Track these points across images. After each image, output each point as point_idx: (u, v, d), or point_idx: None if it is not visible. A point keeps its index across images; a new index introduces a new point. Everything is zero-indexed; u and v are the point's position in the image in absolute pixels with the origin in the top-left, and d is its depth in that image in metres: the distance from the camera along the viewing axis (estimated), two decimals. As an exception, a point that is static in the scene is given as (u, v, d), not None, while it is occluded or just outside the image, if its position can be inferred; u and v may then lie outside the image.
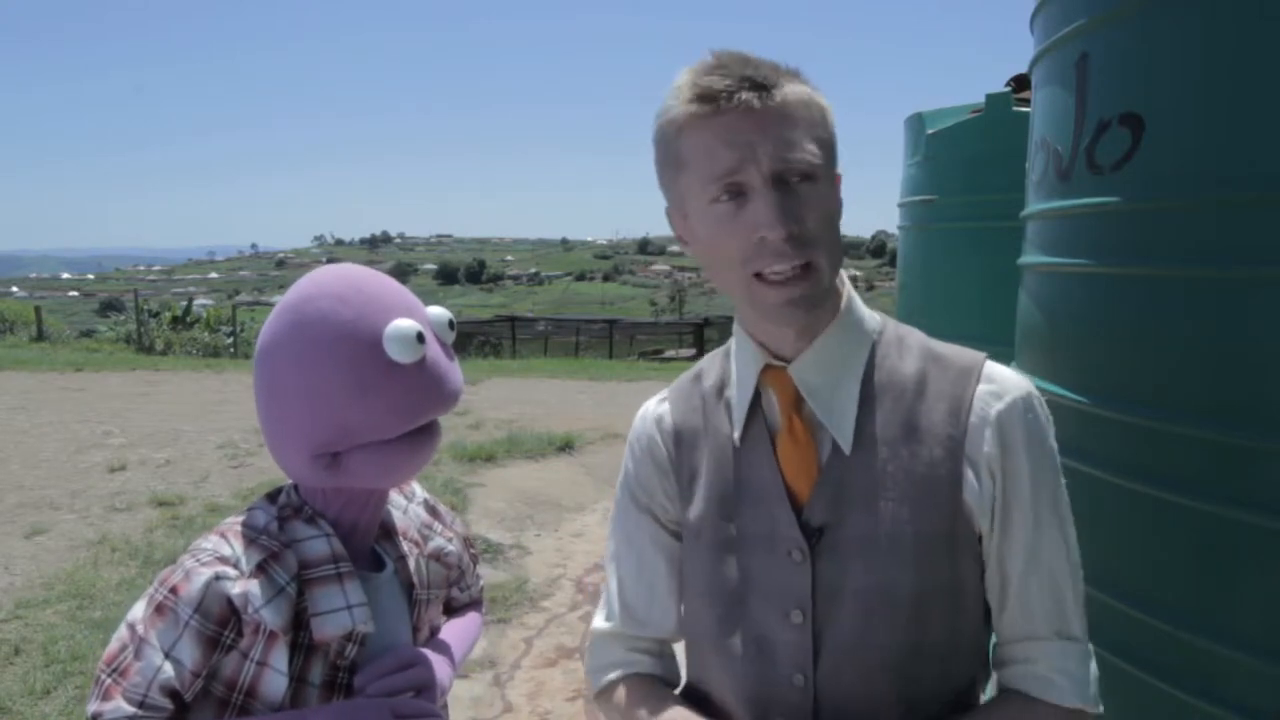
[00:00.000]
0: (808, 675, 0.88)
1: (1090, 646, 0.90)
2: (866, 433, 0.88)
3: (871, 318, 0.93)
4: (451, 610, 1.23)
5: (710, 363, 1.02)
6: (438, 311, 1.01)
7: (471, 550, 1.24)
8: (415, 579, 1.08)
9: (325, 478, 0.96)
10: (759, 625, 0.90)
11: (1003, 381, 0.89)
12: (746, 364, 0.93)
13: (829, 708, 0.88)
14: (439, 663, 1.07)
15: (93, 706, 0.88)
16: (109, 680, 0.88)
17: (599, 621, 1.05)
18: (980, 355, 0.91)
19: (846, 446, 0.87)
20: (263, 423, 0.99)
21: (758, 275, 0.82)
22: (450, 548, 1.14)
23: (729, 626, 0.92)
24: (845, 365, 0.89)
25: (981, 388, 0.88)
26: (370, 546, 1.06)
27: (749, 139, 0.80)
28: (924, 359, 0.91)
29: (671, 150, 0.86)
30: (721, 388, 0.97)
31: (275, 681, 0.92)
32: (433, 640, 1.12)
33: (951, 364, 0.90)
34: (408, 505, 1.14)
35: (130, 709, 0.87)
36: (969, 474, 0.86)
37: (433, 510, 1.18)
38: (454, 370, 1.00)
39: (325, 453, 0.94)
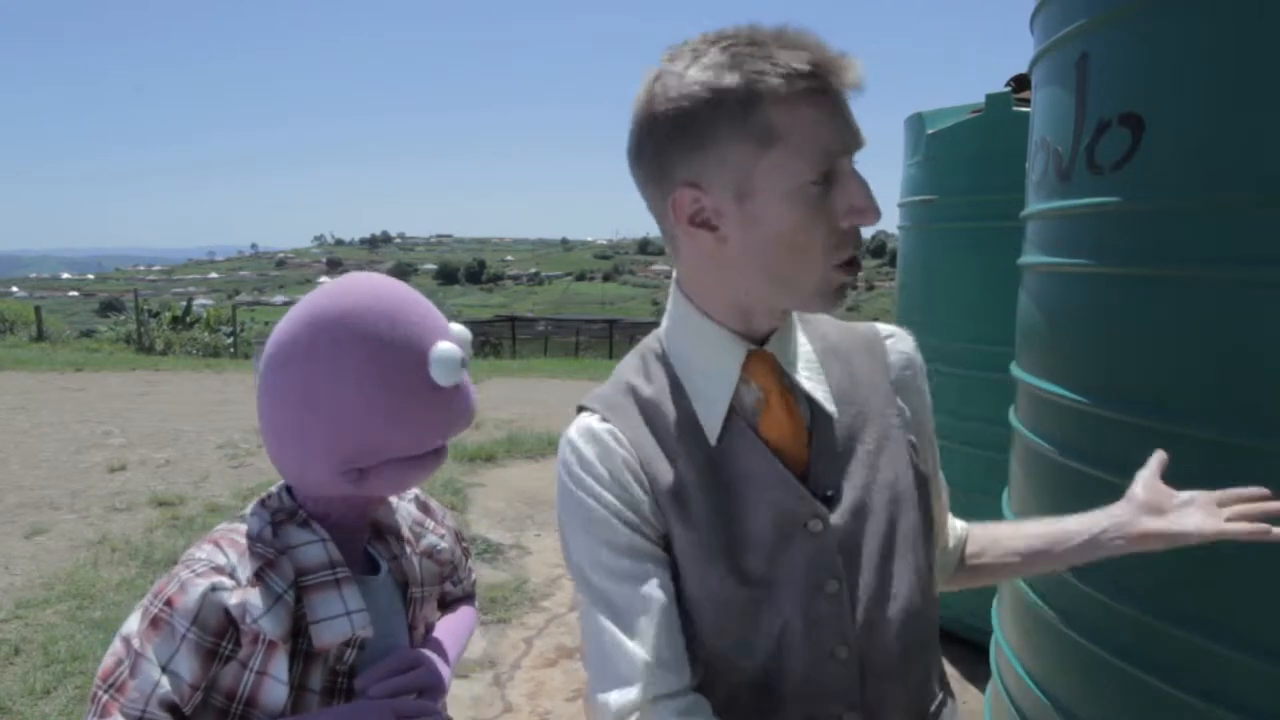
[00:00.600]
0: (849, 644, 0.86)
1: None
2: (833, 396, 0.92)
3: None
4: (444, 604, 1.23)
5: (637, 374, 0.93)
6: (460, 329, 1.02)
7: (463, 544, 1.24)
8: (409, 577, 1.08)
9: (346, 488, 0.96)
10: (790, 613, 0.85)
11: (894, 331, 1.00)
12: (721, 357, 0.88)
13: (872, 672, 0.87)
14: (439, 663, 1.06)
15: None
16: (106, 696, 0.86)
17: (619, 696, 0.81)
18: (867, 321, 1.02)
19: (833, 407, 0.91)
20: (278, 429, 0.96)
21: (841, 264, 0.82)
22: (443, 544, 1.14)
23: (753, 627, 0.86)
24: (796, 340, 0.93)
25: (888, 342, 0.98)
26: (364, 548, 1.06)
27: (849, 120, 0.79)
28: (837, 328, 0.98)
29: (755, 119, 0.77)
30: (668, 391, 0.90)
31: (275, 690, 0.91)
32: (430, 640, 1.12)
33: (856, 328, 1.00)
34: (399, 503, 1.13)
35: None
36: (905, 410, 0.95)
37: (424, 506, 1.18)
38: (474, 390, 1.03)
39: (354, 467, 0.94)
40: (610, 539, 0.86)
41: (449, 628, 1.17)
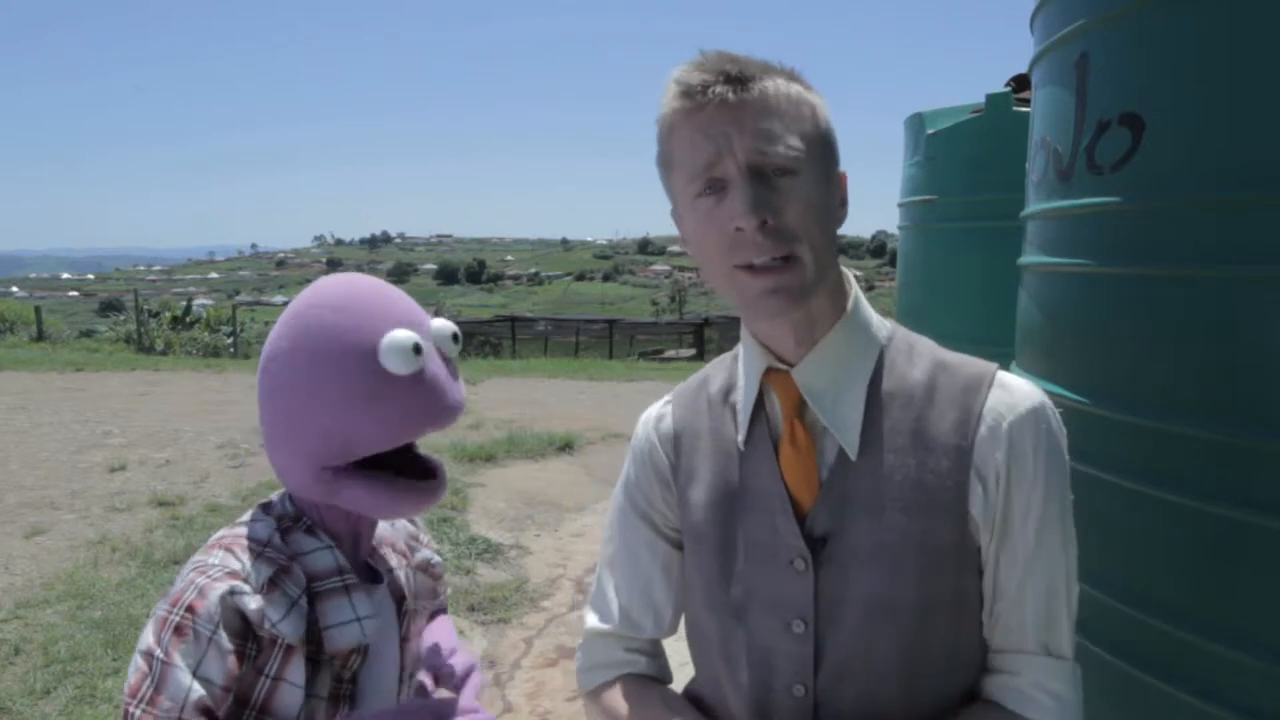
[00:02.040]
0: (808, 686, 0.87)
1: (1078, 667, 0.88)
2: (872, 439, 0.86)
3: (881, 324, 0.92)
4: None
5: (717, 367, 1.01)
6: (441, 324, 1.00)
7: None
8: (405, 590, 1.08)
9: (323, 493, 0.95)
10: (760, 635, 0.89)
11: (1015, 391, 0.87)
12: (751, 366, 0.92)
13: (829, 718, 0.87)
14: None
15: None
16: (138, 712, 0.84)
17: (592, 621, 1.05)
18: (992, 365, 0.89)
19: (853, 452, 0.86)
20: (264, 432, 0.98)
21: (737, 266, 0.82)
22: (436, 559, 1.14)
23: (731, 635, 0.91)
24: (851, 370, 0.88)
25: (992, 398, 0.86)
26: (364, 559, 1.06)
27: (725, 131, 0.80)
28: (934, 367, 0.89)
29: (664, 149, 0.87)
30: (728, 392, 0.96)
31: (291, 695, 0.91)
32: (444, 665, 1.10)
33: (961, 372, 0.88)
34: (394, 520, 1.13)
35: None
36: (976, 485, 0.84)
37: (414, 523, 1.19)
38: (454, 385, 0.98)
39: (325, 466, 0.94)
40: (624, 507, 1.03)
41: (448, 640, 1.15)
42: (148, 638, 0.87)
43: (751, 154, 0.79)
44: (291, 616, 0.89)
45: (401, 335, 0.92)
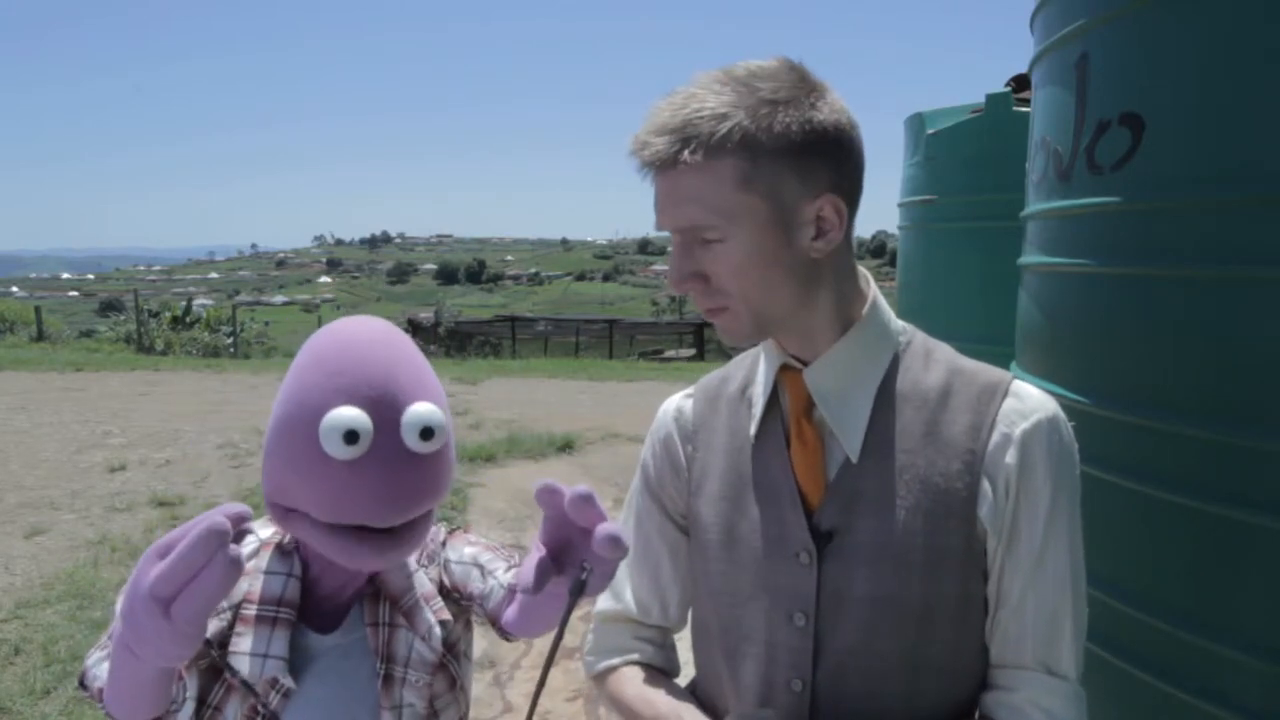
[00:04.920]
0: (805, 680, 0.87)
1: (1081, 690, 0.87)
2: (884, 440, 0.86)
3: (900, 328, 0.92)
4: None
5: (739, 365, 1.03)
6: (416, 413, 0.87)
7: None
8: (390, 651, 0.97)
9: (278, 521, 0.92)
10: (763, 627, 0.90)
11: (1029, 400, 0.87)
12: (769, 363, 0.94)
13: (827, 715, 0.87)
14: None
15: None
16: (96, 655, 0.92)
17: (602, 603, 1.06)
18: (1008, 374, 0.90)
19: (854, 455, 0.87)
20: None
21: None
22: (437, 630, 1.00)
23: (732, 626, 0.93)
24: (861, 373, 0.88)
25: (1006, 405, 0.86)
26: (347, 601, 0.99)
27: (659, 198, 0.84)
28: (949, 372, 0.89)
29: None
30: (745, 387, 0.98)
31: (185, 705, 0.91)
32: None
33: (976, 379, 0.88)
34: (416, 570, 1.02)
35: (99, 653, 0.91)
36: (986, 489, 0.84)
37: (448, 586, 1.05)
38: (404, 485, 0.86)
39: (275, 502, 0.89)
40: (639, 489, 1.05)
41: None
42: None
43: (670, 227, 0.85)
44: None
45: (340, 417, 0.82)
